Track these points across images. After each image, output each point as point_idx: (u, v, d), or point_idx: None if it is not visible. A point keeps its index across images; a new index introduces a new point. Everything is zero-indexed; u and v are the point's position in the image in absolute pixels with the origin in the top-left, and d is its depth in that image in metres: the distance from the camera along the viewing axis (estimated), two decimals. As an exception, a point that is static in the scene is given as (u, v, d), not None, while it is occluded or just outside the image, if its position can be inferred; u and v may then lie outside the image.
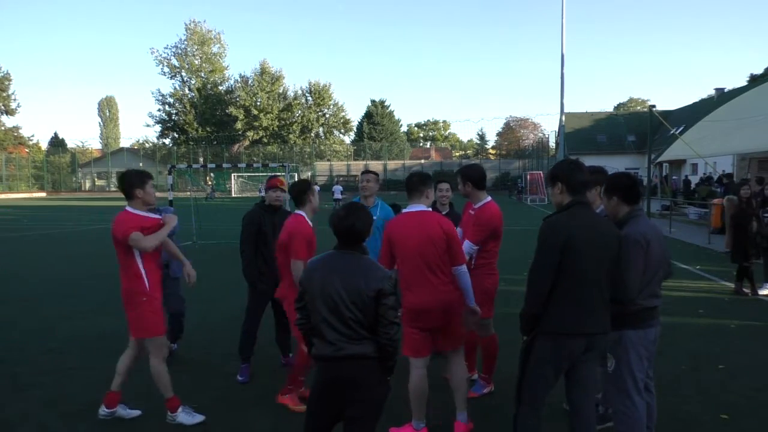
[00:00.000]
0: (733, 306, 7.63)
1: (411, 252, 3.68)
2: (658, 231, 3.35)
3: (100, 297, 8.39)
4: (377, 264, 2.81)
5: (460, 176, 4.47)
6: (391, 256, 3.80)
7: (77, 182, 66.15)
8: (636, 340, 3.21)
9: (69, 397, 4.64)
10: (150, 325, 4.02)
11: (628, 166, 44.97)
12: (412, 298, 3.70)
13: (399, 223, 3.79)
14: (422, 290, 3.67)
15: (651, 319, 3.25)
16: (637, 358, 3.22)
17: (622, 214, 3.32)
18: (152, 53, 76.72)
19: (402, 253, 3.72)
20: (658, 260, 3.23)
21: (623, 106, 75.69)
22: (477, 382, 4.65)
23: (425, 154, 75.37)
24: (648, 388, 3.41)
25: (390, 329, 2.68)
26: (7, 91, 60.60)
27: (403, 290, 3.73)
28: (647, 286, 3.20)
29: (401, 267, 3.75)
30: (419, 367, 3.75)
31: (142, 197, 4.01)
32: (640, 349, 3.21)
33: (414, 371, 3.75)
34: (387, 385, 2.81)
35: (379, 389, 2.76)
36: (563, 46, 34.08)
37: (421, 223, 3.70)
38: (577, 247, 2.92)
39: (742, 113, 17.67)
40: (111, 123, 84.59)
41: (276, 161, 53.79)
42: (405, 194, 3.92)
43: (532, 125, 74.42)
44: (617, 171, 4.11)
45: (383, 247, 3.82)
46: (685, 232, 16.40)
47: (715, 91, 43.45)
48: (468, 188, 4.40)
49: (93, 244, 15.56)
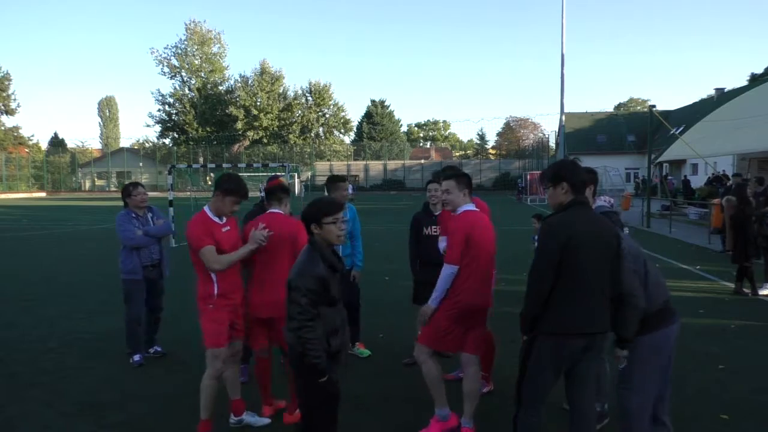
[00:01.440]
0: (733, 306, 7.63)
1: (490, 250, 3.75)
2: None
3: (100, 297, 8.39)
4: (309, 258, 2.81)
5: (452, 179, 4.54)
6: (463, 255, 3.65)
7: (77, 182, 66.13)
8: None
9: (69, 397, 4.63)
10: (207, 334, 3.75)
11: (628, 166, 45.08)
12: (479, 299, 3.72)
13: (479, 221, 3.75)
14: (489, 289, 3.80)
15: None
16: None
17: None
18: (152, 53, 76.83)
19: (481, 251, 3.68)
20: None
21: (623, 106, 75.69)
22: None
23: (425, 154, 75.42)
24: (661, 420, 3.34)
25: (289, 323, 2.77)
26: (7, 91, 60.55)
27: (470, 289, 3.65)
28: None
29: (475, 265, 3.65)
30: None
31: (227, 204, 3.80)
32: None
33: (429, 359, 3.77)
34: (311, 384, 2.76)
35: (303, 381, 2.82)
36: (563, 46, 34.10)
37: (487, 222, 3.83)
38: (578, 247, 2.91)
39: (742, 113, 17.68)
40: (111, 123, 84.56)
41: (276, 161, 53.86)
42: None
43: (532, 125, 74.41)
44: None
45: (459, 245, 3.62)
46: (685, 232, 16.39)
47: (715, 91, 43.44)
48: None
49: (93, 244, 15.55)
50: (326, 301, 2.79)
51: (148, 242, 5.42)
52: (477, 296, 3.68)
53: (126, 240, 5.33)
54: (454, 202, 3.85)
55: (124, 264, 5.37)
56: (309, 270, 2.75)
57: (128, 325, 5.43)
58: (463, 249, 3.62)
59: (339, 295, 2.90)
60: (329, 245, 2.90)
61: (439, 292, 3.67)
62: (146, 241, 5.40)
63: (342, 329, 2.93)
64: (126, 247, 5.37)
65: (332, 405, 2.87)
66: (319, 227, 2.85)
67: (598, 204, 3.94)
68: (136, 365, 5.33)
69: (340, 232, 2.89)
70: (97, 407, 4.40)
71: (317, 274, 2.74)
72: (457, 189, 3.83)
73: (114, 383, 4.95)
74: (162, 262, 5.58)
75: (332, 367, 2.84)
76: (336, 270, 2.86)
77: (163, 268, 5.61)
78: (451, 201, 3.87)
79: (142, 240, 5.37)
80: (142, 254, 5.39)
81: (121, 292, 5.51)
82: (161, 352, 5.67)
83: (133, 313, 5.42)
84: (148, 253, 5.43)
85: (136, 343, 5.47)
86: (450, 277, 3.64)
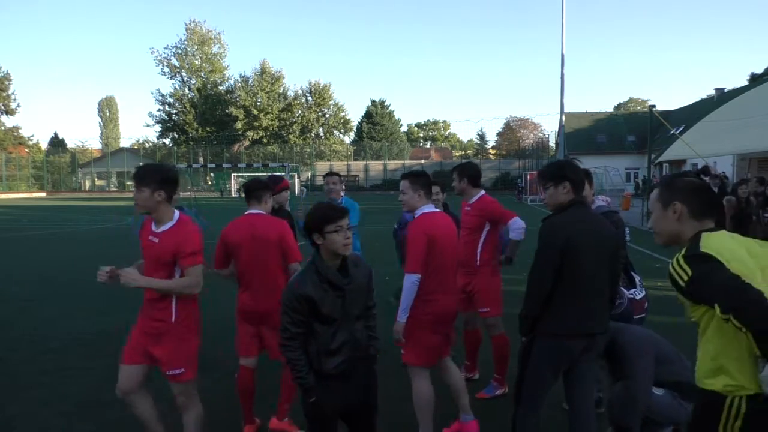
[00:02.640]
0: (733, 306, 7.62)
1: (453, 252, 3.63)
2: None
3: (100, 297, 8.38)
4: (300, 275, 2.67)
5: (457, 172, 4.52)
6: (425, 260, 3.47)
7: (77, 182, 66.13)
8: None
9: (69, 397, 4.64)
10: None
11: (628, 166, 45.08)
12: (452, 304, 3.61)
13: (439, 222, 3.58)
14: (457, 293, 3.69)
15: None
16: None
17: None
18: (152, 53, 76.84)
19: (443, 253, 3.53)
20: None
21: (623, 106, 75.69)
22: (490, 384, 4.65)
23: (425, 154, 75.40)
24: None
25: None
26: (7, 91, 60.57)
27: (437, 293, 3.50)
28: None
29: (441, 269, 3.53)
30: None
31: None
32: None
33: (426, 381, 3.60)
34: (306, 396, 2.64)
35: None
36: (563, 46, 34.04)
37: (448, 221, 3.68)
38: (577, 247, 2.91)
39: (742, 113, 17.66)
40: (111, 123, 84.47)
41: (276, 161, 53.90)
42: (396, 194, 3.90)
43: (532, 125, 74.44)
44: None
45: (421, 252, 3.42)
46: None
47: (715, 91, 43.47)
48: (463, 184, 4.46)
49: (93, 244, 15.56)
50: (318, 319, 2.59)
51: None
52: (448, 301, 3.57)
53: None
54: (408, 203, 3.64)
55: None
56: (294, 288, 2.58)
57: None
58: (425, 256, 3.41)
59: (340, 313, 2.63)
60: (335, 256, 2.64)
61: (405, 305, 3.42)
62: None
63: (347, 348, 2.65)
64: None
65: (325, 424, 2.71)
66: (321, 237, 2.60)
67: (597, 204, 3.95)
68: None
69: (346, 240, 2.61)
70: (97, 407, 4.40)
71: (301, 293, 2.55)
72: (411, 189, 3.62)
73: (114, 383, 4.91)
74: None
75: (329, 388, 2.63)
76: (335, 287, 2.60)
77: None
78: (405, 202, 3.65)
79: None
80: None
81: (121, 293, 5.49)
82: None
83: None
84: None
85: None
86: (414, 287, 3.39)
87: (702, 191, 2.08)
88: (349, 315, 2.66)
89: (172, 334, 3.15)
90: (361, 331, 2.74)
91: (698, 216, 2.04)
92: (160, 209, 3.11)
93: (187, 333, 3.20)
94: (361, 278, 2.73)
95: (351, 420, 2.83)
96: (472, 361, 4.94)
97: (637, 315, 3.95)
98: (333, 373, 2.62)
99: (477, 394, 4.54)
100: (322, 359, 2.61)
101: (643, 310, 4.05)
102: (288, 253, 3.79)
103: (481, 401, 4.44)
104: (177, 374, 3.19)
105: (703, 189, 2.09)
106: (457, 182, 4.52)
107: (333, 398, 2.66)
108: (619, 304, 3.66)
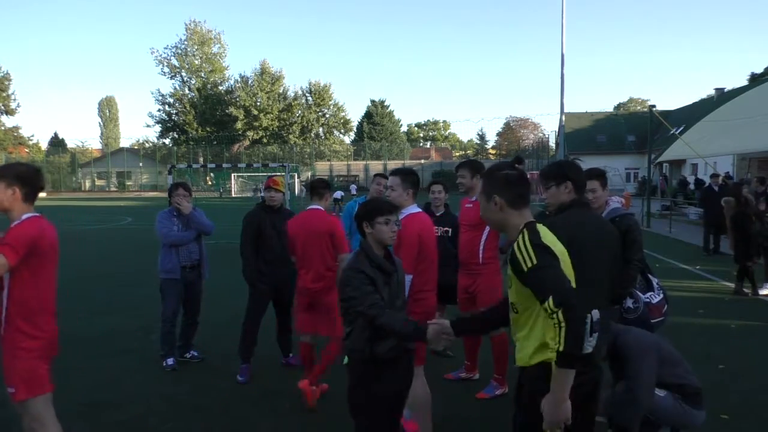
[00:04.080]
0: (733, 306, 7.63)
1: (434, 251, 3.64)
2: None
3: (101, 297, 8.38)
4: (354, 258, 2.83)
5: (468, 168, 4.50)
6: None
7: (77, 182, 66.13)
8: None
9: (69, 397, 4.63)
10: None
11: (628, 166, 45.07)
12: (432, 298, 3.66)
13: (425, 222, 3.65)
14: (435, 290, 3.72)
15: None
16: None
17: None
18: (152, 53, 77.11)
19: (431, 253, 3.59)
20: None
21: (623, 106, 75.61)
22: (490, 384, 4.64)
23: (425, 154, 75.35)
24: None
25: (347, 327, 2.81)
26: (7, 91, 60.61)
27: (425, 291, 3.57)
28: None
29: (430, 268, 3.59)
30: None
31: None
32: None
33: (420, 380, 3.55)
34: (418, 335, 2.66)
35: (352, 386, 2.82)
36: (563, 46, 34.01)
37: (429, 222, 3.75)
38: (579, 248, 2.89)
39: (742, 113, 17.68)
40: (111, 123, 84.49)
41: (276, 161, 53.80)
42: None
43: (532, 125, 74.36)
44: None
45: (414, 253, 3.46)
46: (685, 232, 16.39)
47: (715, 91, 43.40)
48: (475, 181, 4.41)
49: (93, 244, 15.55)
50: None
51: (186, 239, 5.26)
52: (434, 299, 3.65)
53: (163, 237, 5.20)
54: (396, 201, 3.58)
55: (163, 263, 5.25)
56: (353, 265, 2.75)
57: (163, 326, 5.31)
58: (416, 256, 3.45)
59: (388, 301, 2.75)
60: (382, 246, 2.84)
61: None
62: (183, 238, 5.24)
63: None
64: (165, 245, 5.24)
65: (388, 412, 2.78)
66: (370, 226, 2.81)
67: (612, 206, 3.85)
68: (168, 369, 5.21)
69: (392, 233, 2.83)
70: (97, 407, 4.40)
71: (361, 269, 2.71)
72: (401, 187, 3.62)
73: (114, 383, 4.95)
74: (202, 263, 5.42)
75: (382, 373, 2.73)
76: (384, 271, 2.78)
77: (202, 269, 5.44)
78: (394, 199, 3.59)
79: (179, 237, 5.23)
80: (181, 254, 5.24)
81: (121, 293, 5.50)
82: (198, 357, 5.49)
83: (168, 313, 5.26)
84: (187, 253, 5.27)
85: (170, 345, 5.32)
86: (407, 288, 3.33)
87: (515, 184, 2.33)
88: (394, 304, 2.81)
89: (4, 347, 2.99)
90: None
91: (516, 206, 2.32)
92: (14, 207, 2.99)
93: (15, 349, 3.04)
94: (400, 272, 2.94)
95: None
96: (472, 361, 4.94)
97: (655, 319, 3.82)
98: (386, 357, 2.72)
99: (477, 394, 4.54)
100: (376, 342, 2.72)
101: (662, 313, 3.90)
102: (338, 245, 4.36)
103: (481, 401, 4.45)
104: (10, 392, 3.08)
105: (516, 182, 2.34)
106: (468, 179, 4.48)
107: (388, 383, 2.77)
108: (636, 308, 3.62)
